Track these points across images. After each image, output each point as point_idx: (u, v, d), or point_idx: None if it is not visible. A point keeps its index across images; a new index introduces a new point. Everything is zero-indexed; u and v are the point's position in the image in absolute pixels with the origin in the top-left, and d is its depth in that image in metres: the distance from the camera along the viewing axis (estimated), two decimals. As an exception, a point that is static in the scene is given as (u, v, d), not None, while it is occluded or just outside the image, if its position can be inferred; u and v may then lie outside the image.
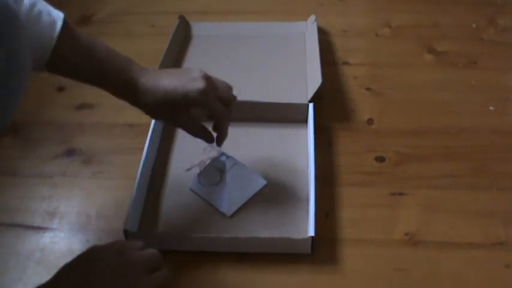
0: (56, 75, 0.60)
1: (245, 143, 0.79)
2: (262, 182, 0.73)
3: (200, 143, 0.71)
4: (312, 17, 1.00)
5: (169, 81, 0.62)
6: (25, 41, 0.41)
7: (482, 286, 0.62)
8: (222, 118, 0.66)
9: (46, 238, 0.69)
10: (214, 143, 0.69)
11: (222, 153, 0.74)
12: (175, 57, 0.95)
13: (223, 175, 0.71)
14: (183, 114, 0.64)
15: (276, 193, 0.72)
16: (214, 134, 0.68)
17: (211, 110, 0.64)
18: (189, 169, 0.75)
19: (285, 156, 0.77)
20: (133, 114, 0.86)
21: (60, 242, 0.69)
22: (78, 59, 0.60)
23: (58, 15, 0.57)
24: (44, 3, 0.57)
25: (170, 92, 0.61)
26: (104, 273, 0.52)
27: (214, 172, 0.72)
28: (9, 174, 0.78)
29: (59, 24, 0.57)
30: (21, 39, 0.41)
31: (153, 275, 0.55)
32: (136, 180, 0.70)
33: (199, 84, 0.61)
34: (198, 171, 0.74)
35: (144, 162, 0.72)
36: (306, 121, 0.80)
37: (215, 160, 0.73)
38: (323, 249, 0.65)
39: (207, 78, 0.62)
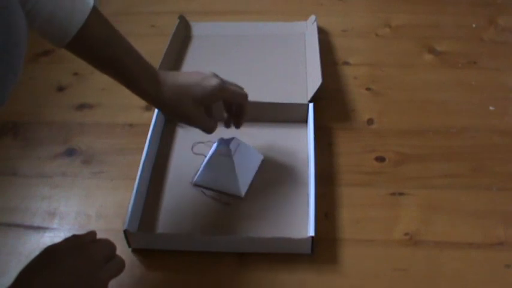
0: (73, 53, 0.60)
1: (245, 143, 0.78)
2: (260, 157, 0.76)
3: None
4: (312, 17, 1.00)
5: (187, 78, 0.66)
6: (22, 14, 0.41)
7: (482, 286, 0.62)
8: (242, 98, 0.69)
9: (46, 238, 0.69)
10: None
11: (219, 140, 0.74)
12: (175, 57, 0.95)
13: (229, 159, 0.71)
14: (199, 110, 0.67)
15: (276, 193, 0.72)
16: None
17: (229, 96, 0.68)
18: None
19: (285, 156, 0.77)
20: (134, 114, 0.86)
21: (60, 242, 0.69)
22: (105, 38, 0.61)
23: None
24: None
25: (190, 87, 0.65)
26: (65, 272, 0.52)
27: (221, 160, 0.71)
28: (9, 174, 0.78)
29: (92, 0, 0.59)
30: (18, 11, 0.40)
31: (110, 263, 0.56)
32: (136, 180, 0.70)
33: (214, 80, 0.65)
34: (203, 161, 0.74)
35: (144, 162, 0.72)
36: (306, 121, 0.80)
37: (218, 149, 0.72)
38: (323, 249, 0.65)
39: (218, 76, 0.67)
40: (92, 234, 0.59)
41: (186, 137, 0.80)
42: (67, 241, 0.56)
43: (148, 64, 0.65)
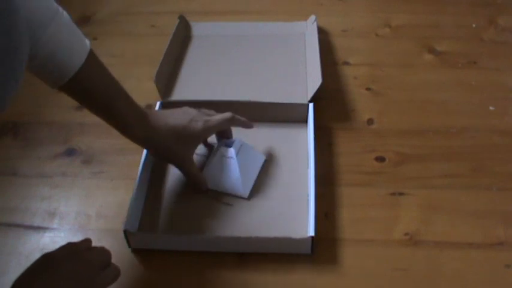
0: (67, 94, 0.61)
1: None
2: (262, 158, 0.76)
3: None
4: (312, 17, 1.00)
5: (175, 119, 0.68)
6: (23, 18, 0.41)
7: (482, 286, 0.62)
8: (226, 124, 0.72)
9: (46, 238, 0.69)
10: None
11: (221, 142, 0.75)
12: (175, 57, 0.95)
13: (233, 160, 0.71)
14: (189, 150, 0.70)
15: (275, 193, 0.72)
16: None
17: (216, 130, 0.72)
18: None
19: (285, 157, 0.77)
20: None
21: (60, 242, 0.68)
22: (100, 80, 0.62)
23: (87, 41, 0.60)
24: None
25: (179, 129, 0.67)
26: (64, 276, 0.52)
27: (224, 161, 0.72)
28: (9, 174, 0.78)
29: (88, 44, 0.60)
30: (18, 13, 0.40)
31: (106, 271, 0.56)
32: (136, 180, 0.70)
33: (199, 123, 0.68)
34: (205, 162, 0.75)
35: (144, 162, 0.72)
36: (306, 121, 0.80)
37: (218, 151, 0.73)
38: (323, 249, 0.65)
39: (201, 115, 0.70)
40: (87, 241, 0.60)
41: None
42: (63, 248, 0.56)
43: (138, 106, 0.67)
